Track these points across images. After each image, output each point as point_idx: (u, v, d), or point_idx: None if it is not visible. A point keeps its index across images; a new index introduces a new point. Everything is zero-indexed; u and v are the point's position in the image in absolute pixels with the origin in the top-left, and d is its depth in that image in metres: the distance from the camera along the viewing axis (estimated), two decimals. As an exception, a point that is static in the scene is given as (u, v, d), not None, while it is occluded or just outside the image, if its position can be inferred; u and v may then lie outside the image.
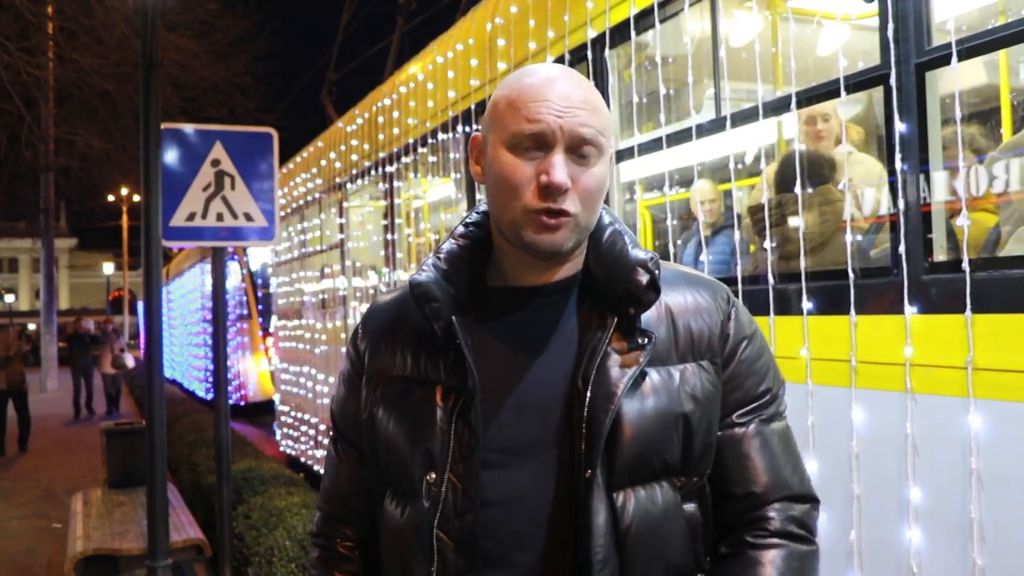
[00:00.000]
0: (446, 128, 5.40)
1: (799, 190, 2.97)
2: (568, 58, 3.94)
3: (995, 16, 3.28)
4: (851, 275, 2.62)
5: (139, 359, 17.50)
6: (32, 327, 40.96)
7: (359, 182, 7.42)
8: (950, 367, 2.31)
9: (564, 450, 1.20)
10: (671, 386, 1.23)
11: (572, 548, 1.19)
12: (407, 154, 6.16)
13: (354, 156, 7.47)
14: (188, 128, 4.74)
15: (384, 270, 6.85)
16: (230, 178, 4.70)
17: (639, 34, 3.51)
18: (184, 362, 22.01)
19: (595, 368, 1.19)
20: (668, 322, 1.26)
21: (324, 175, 8.56)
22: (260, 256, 16.67)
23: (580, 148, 1.20)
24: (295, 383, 9.46)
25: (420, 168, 6.14)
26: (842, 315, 2.64)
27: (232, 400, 13.82)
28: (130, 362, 16.65)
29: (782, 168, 3.39)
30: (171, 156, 4.60)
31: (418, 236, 7.16)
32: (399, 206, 6.68)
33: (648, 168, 3.70)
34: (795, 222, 3.10)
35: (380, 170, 6.76)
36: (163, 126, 4.45)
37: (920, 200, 2.43)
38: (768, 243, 2.98)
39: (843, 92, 2.65)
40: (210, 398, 13.32)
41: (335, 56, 11.18)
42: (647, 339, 1.22)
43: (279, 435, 10.38)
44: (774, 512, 1.26)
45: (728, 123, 3.08)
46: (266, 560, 4.75)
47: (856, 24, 3.59)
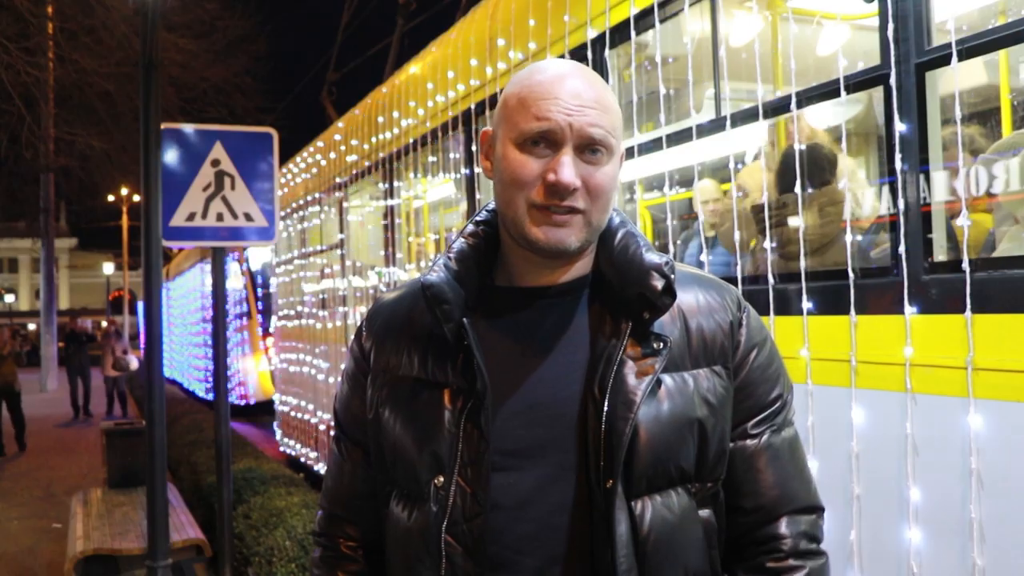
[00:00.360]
0: (446, 128, 5.40)
1: (799, 190, 2.97)
2: (568, 58, 3.94)
3: (995, 16, 3.28)
4: (851, 275, 2.62)
5: (141, 359, 17.28)
6: (32, 327, 40.98)
7: (359, 182, 7.42)
8: (950, 367, 2.31)
9: (575, 454, 1.18)
10: (686, 391, 1.21)
11: (586, 553, 1.17)
12: (407, 154, 6.16)
13: (354, 156, 7.47)
14: (188, 128, 4.74)
15: (384, 270, 6.85)
16: (230, 178, 4.70)
17: (639, 34, 3.51)
18: (184, 362, 22.00)
19: (612, 376, 1.17)
20: (681, 323, 1.24)
21: (324, 175, 8.56)
22: (260, 256, 16.66)
23: (590, 147, 1.18)
24: (295, 383, 9.46)
25: (420, 168, 6.14)
26: (842, 315, 2.64)
27: (232, 400, 13.81)
28: (133, 364, 15.90)
29: (781, 168, 3.39)
30: (171, 156, 4.60)
31: (418, 236, 7.16)
32: (399, 206, 6.68)
33: (648, 168, 3.70)
34: (795, 222, 3.10)
35: (380, 170, 6.76)
36: (163, 126, 4.45)
37: (920, 200, 2.43)
38: (768, 243, 2.98)
39: (843, 92, 2.65)
40: (210, 398, 13.30)
41: (335, 56, 11.18)
42: (662, 344, 1.20)
43: (279, 435, 10.39)
44: (785, 528, 1.25)
45: (728, 123, 3.08)
46: (266, 560, 4.75)
47: (856, 24, 3.59)
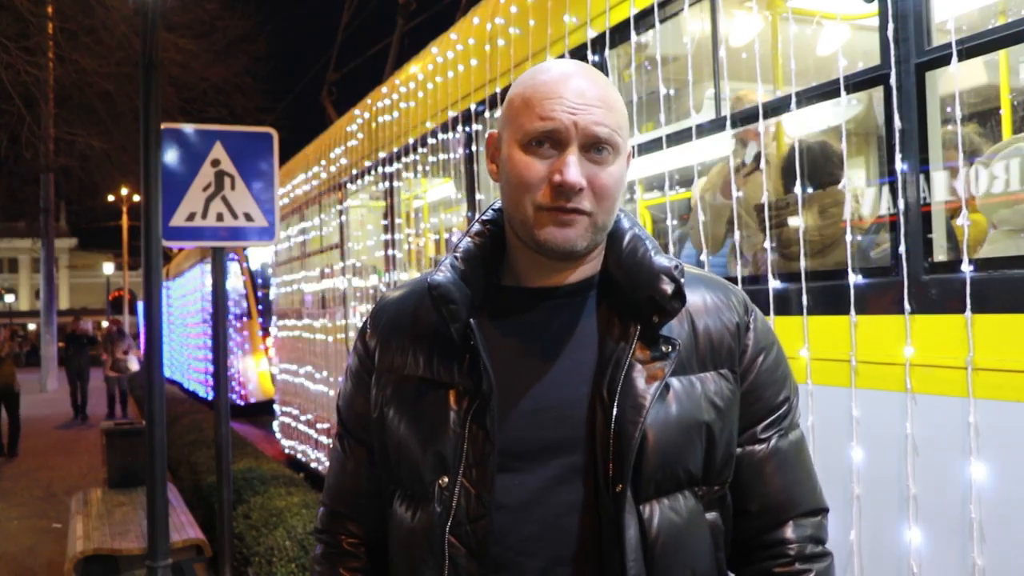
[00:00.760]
0: (446, 128, 5.40)
1: (799, 190, 2.97)
2: (568, 58, 3.93)
3: (995, 16, 3.28)
4: (851, 275, 2.62)
5: (141, 359, 17.21)
6: (32, 327, 40.98)
7: (359, 182, 7.42)
8: (950, 367, 2.31)
9: (582, 456, 1.18)
10: (693, 395, 1.21)
11: (592, 556, 1.17)
12: (407, 154, 6.16)
13: (354, 156, 7.47)
14: (188, 128, 4.74)
15: (384, 270, 6.85)
16: (230, 178, 4.70)
17: (639, 34, 3.51)
18: (184, 362, 22.00)
19: (621, 380, 1.17)
20: (688, 325, 1.24)
21: (324, 175, 8.56)
22: (260, 256, 16.66)
23: (595, 147, 1.17)
24: (295, 383, 9.46)
25: (420, 168, 6.14)
26: (842, 315, 2.64)
27: (232, 400, 13.80)
28: (134, 365, 15.66)
29: (783, 168, 3.39)
30: (171, 156, 4.60)
31: (418, 236, 7.16)
32: (399, 206, 6.68)
33: (648, 168, 3.70)
34: (795, 222, 3.10)
35: (380, 170, 6.76)
36: (163, 126, 4.45)
37: (920, 200, 2.43)
38: (768, 243, 2.98)
39: (843, 92, 2.65)
40: (210, 398, 13.30)
41: (335, 56, 11.18)
42: (671, 347, 1.20)
43: (279, 435, 10.39)
44: (791, 532, 1.26)
45: (728, 123, 3.08)
46: (266, 560, 4.75)
47: (856, 24, 3.59)
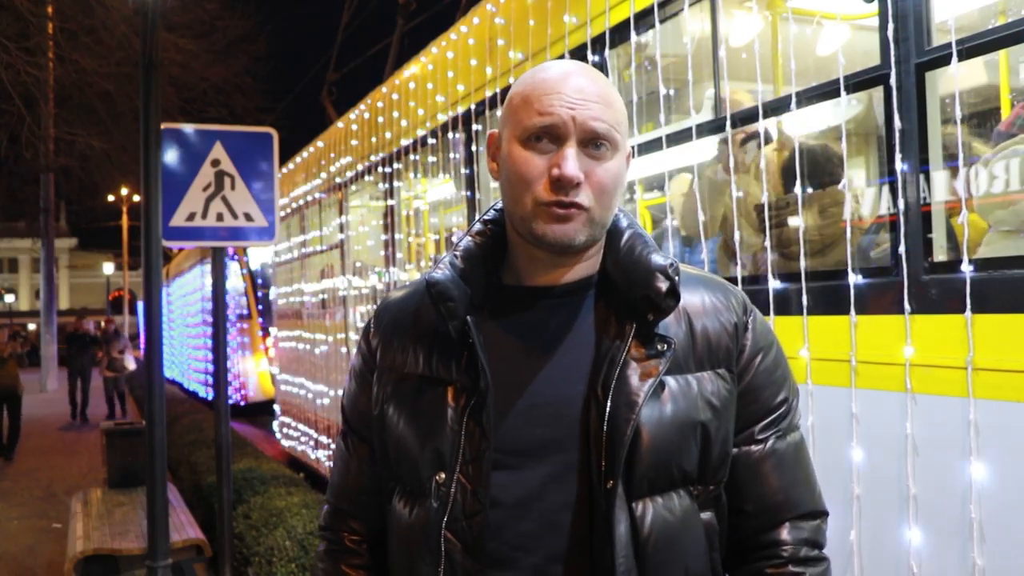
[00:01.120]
0: (446, 128, 5.40)
1: (799, 190, 2.97)
2: (568, 58, 3.93)
3: (995, 16, 3.27)
4: (851, 275, 2.62)
5: (140, 360, 17.17)
6: (32, 327, 40.97)
7: (359, 182, 7.42)
8: (950, 367, 2.31)
9: (578, 454, 1.19)
10: (689, 394, 1.21)
11: (586, 552, 1.18)
12: (407, 154, 6.16)
13: (354, 156, 7.47)
14: (188, 128, 4.74)
15: (384, 270, 6.85)
16: (230, 178, 4.70)
17: (639, 34, 3.51)
18: (184, 362, 22.01)
19: (615, 377, 1.18)
20: (686, 324, 1.24)
21: (324, 175, 8.56)
22: (260, 256, 16.66)
23: (593, 142, 1.18)
24: (295, 383, 9.46)
25: (420, 168, 6.14)
26: (842, 315, 2.64)
27: (232, 400, 13.81)
28: (131, 364, 15.67)
29: (784, 168, 3.39)
30: (171, 156, 4.60)
31: (418, 236, 7.16)
32: (399, 206, 6.68)
33: (648, 168, 3.70)
34: (795, 222, 3.10)
35: (380, 170, 6.76)
36: (163, 126, 4.45)
37: (920, 200, 2.43)
38: (768, 242, 2.98)
39: (843, 92, 2.65)
40: (210, 398, 13.30)
41: (335, 56, 11.18)
42: (667, 345, 1.20)
43: (279, 434, 10.39)
44: (787, 534, 1.26)
45: (728, 123, 3.08)
46: (266, 560, 4.75)
47: (856, 24, 3.59)
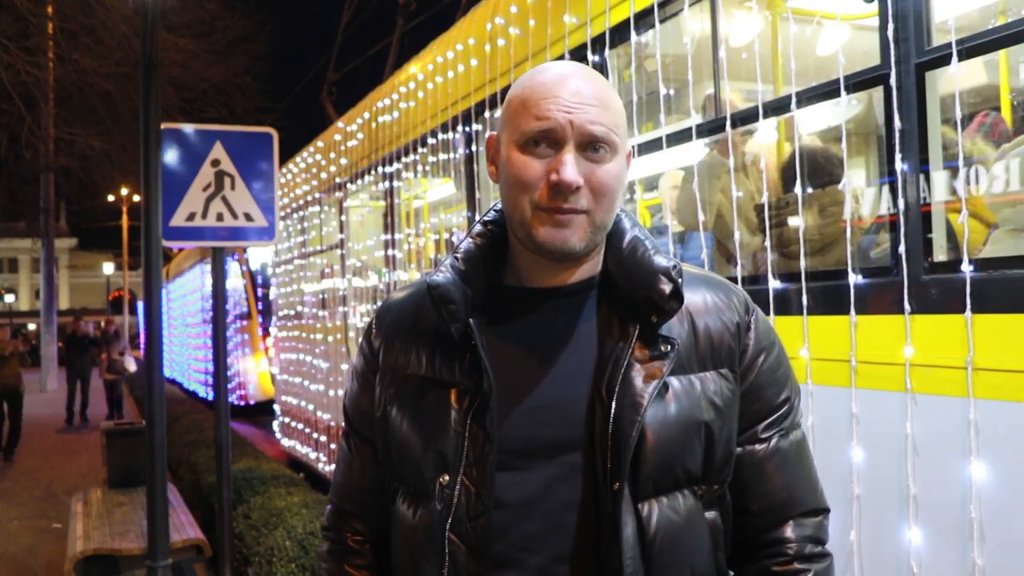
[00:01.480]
0: (446, 128, 5.40)
1: (799, 190, 2.97)
2: (568, 58, 3.93)
3: (995, 16, 3.27)
4: (851, 275, 2.62)
5: (140, 360, 17.12)
6: (32, 327, 40.98)
7: (359, 182, 7.42)
8: (950, 367, 2.31)
9: (582, 455, 1.19)
10: (693, 394, 1.21)
11: (590, 552, 1.18)
12: (407, 154, 6.16)
13: (354, 156, 7.47)
14: (188, 128, 4.74)
15: (384, 270, 6.85)
16: (230, 178, 4.70)
17: (639, 34, 3.51)
18: (184, 362, 22.01)
19: (619, 379, 1.18)
20: (688, 324, 1.25)
21: (324, 175, 8.56)
22: (260, 256, 16.67)
23: (592, 145, 1.18)
24: (295, 383, 9.46)
25: (420, 168, 6.14)
26: (842, 315, 2.64)
27: (232, 400, 13.80)
28: (131, 366, 15.62)
29: (785, 168, 3.39)
30: (171, 156, 4.60)
31: (418, 236, 7.16)
32: (399, 206, 6.68)
33: (648, 168, 3.70)
34: (795, 222, 3.10)
35: (380, 170, 6.76)
36: (163, 126, 4.45)
37: (920, 200, 2.43)
38: (768, 242, 2.98)
39: (843, 92, 2.65)
40: (210, 398, 13.30)
41: (335, 56, 11.18)
42: (670, 346, 1.21)
43: (279, 434, 10.39)
44: (791, 532, 1.27)
45: (728, 123, 3.08)
46: (266, 560, 4.75)
47: (856, 24, 3.59)
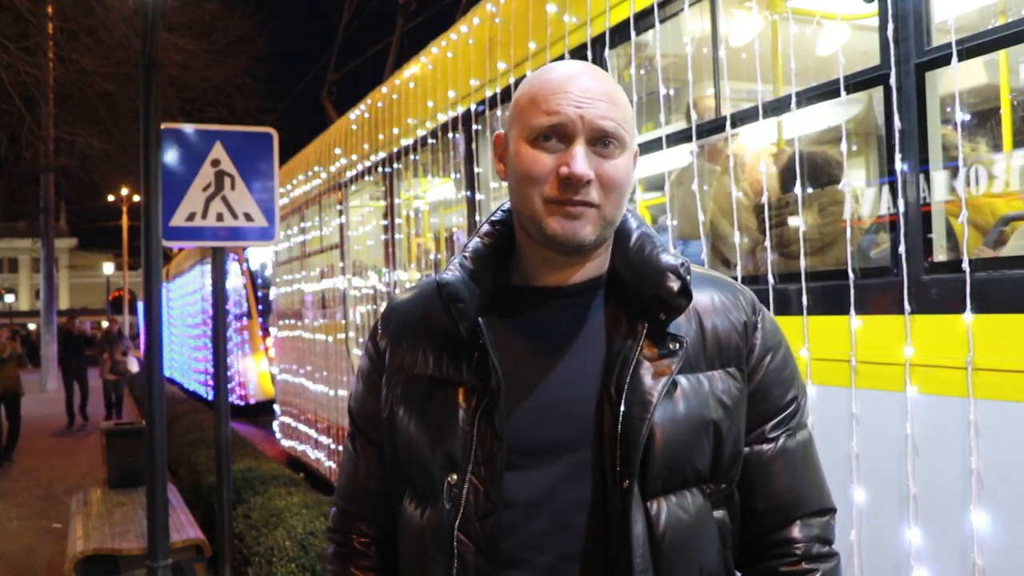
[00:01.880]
0: (446, 128, 5.40)
1: (799, 190, 2.97)
2: (568, 58, 3.93)
3: (995, 16, 3.27)
4: (851, 275, 2.62)
5: (142, 360, 16.86)
6: (32, 327, 40.98)
7: (359, 182, 7.42)
8: (950, 367, 2.31)
9: (591, 453, 1.18)
10: (701, 393, 1.21)
11: (599, 551, 1.17)
12: (407, 154, 6.16)
13: (354, 156, 7.47)
14: (188, 128, 4.74)
15: (384, 270, 6.85)
16: (230, 178, 4.70)
17: (639, 34, 3.51)
18: (184, 362, 22.01)
19: (628, 377, 1.18)
20: (696, 323, 1.25)
21: (324, 175, 8.56)
22: (260, 256, 16.67)
23: (602, 140, 1.18)
24: (295, 383, 9.46)
25: (420, 168, 6.14)
26: (842, 315, 2.64)
27: (232, 400, 13.80)
28: (134, 366, 15.10)
29: (785, 169, 3.39)
30: (171, 156, 4.59)
31: (418, 236, 7.16)
32: (399, 206, 6.68)
33: (648, 168, 3.70)
34: (795, 222, 3.10)
35: (380, 170, 6.76)
36: (163, 126, 4.45)
37: (920, 200, 2.43)
38: (768, 242, 2.98)
39: (843, 92, 2.65)
40: (210, 398, 13.30)
41: (335, 56, 11.18)
42: (679, 345, 1.21)
43: (279, 434, 10.39)
44: (798, 532, 1.28)
45: (728, 123, 3.08)
46: (266, 560, 4.75)
47: (856, 24, 3.59)
